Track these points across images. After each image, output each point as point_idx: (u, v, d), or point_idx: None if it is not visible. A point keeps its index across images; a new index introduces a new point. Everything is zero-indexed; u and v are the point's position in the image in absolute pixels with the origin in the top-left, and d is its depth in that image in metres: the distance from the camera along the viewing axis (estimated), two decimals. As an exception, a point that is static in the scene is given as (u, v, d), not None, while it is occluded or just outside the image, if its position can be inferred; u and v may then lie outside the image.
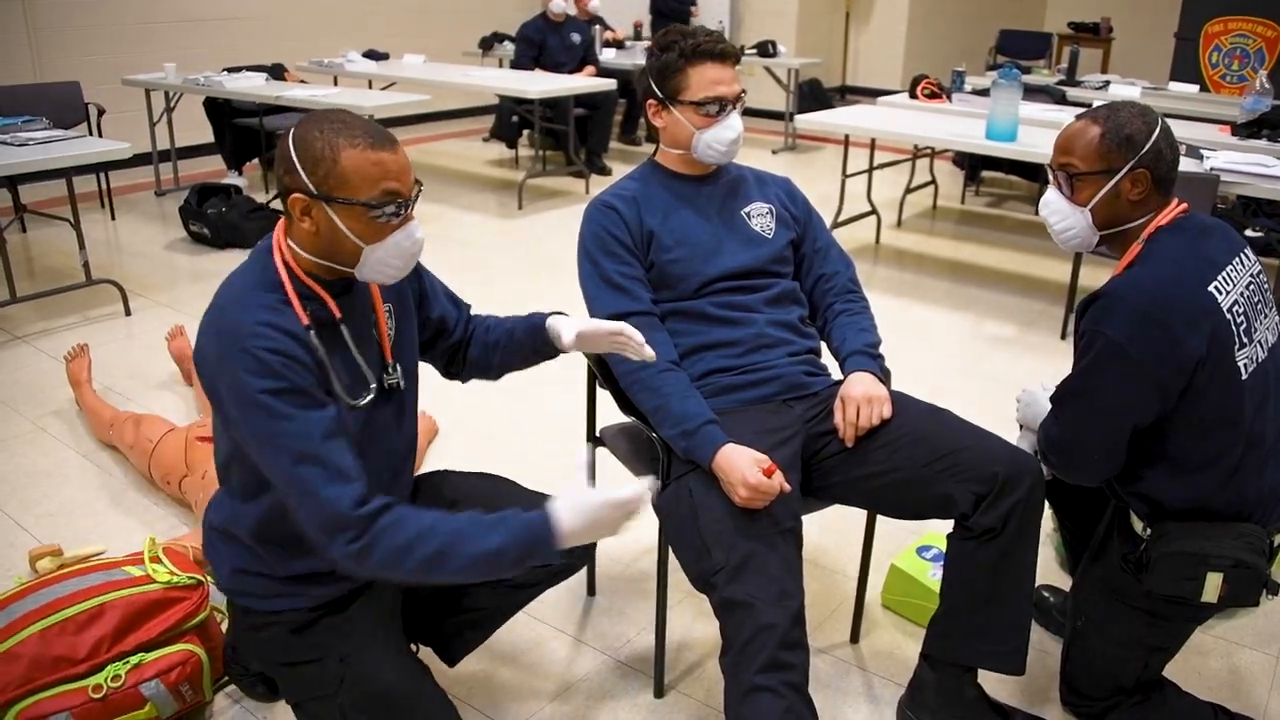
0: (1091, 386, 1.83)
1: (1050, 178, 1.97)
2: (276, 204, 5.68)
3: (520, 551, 1.57)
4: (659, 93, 2.13)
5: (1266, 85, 4.88)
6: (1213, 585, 1.84)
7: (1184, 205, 1.89)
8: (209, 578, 2.22)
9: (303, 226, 1.60)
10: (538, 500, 1.94)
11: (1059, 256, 5.62)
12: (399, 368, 1.79)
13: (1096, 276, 5.06)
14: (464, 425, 3.43)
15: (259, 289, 1.61)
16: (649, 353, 1.91)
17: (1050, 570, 2.65)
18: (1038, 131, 4.83)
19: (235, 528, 1.74)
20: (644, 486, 1.63)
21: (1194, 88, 6.53)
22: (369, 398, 1.71)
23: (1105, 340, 1.77)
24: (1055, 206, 1.96)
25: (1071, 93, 6.36)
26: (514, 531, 1.57)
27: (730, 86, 2.11)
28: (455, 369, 2.07)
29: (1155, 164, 1.84)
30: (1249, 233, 5.01)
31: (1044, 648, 2.37)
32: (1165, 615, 1.97)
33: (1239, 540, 1.83)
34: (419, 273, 1.93)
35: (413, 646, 1.90)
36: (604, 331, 1.91)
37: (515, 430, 3.46)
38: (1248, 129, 4.71)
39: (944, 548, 2.51)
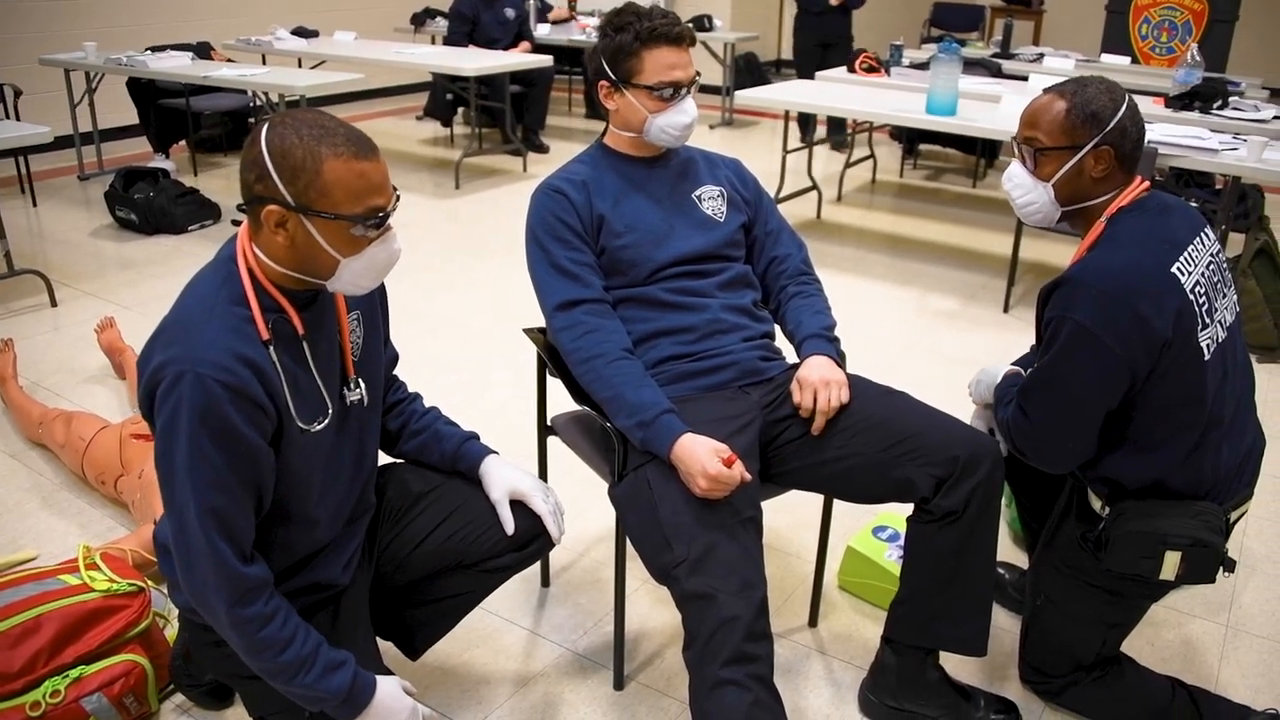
0: (1062, 374, 1.81)
1: (1015, 151, 1.96)
2: (204, 188, 5.56)
3: (337, 698, 1.61)
4: (611, 75, 2.07)
5: (1198, 58, 4.96)
6: (1171, 564, 1.85)
7: (1146, 184, 1.89)
8: (150, 583, 2.14)
9: (276, 239, 1.51)
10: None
11: (999, 229, 5.67)
12: (361, 382, 1.73)
13: (1037, 249, 5.16)
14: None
15: (222, 301, 1.53)
16: (555, 535, 1.94)
17: (1005, 547, 2.66)
18: (976, 105, 4.86)
19: None
20: None
21: (1125, 59, 6.60)
22: (324, 423, 1.65)
23: (1074, 325, 1.75)
24: (1018, 180, 1.94)
25: (1007, 65, 6.41)
26: (340, 685, 1.61)
27: (685, 70, 2.06)
28: None
29: (1120, 141, 1.83)
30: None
31: (1001, 625, 2.38)
32: (1123, 593, 1.98)
33: (1197, 519, 1.84)
34: (384, 290, 1.87)
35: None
36: (536, 509, 1.90)
37: (462, 418, 3.39)
38: (1180, 101, 4.78)
39: (899, 528, 2.52)
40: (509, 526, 1.87)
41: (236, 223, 1.60)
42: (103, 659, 1.95)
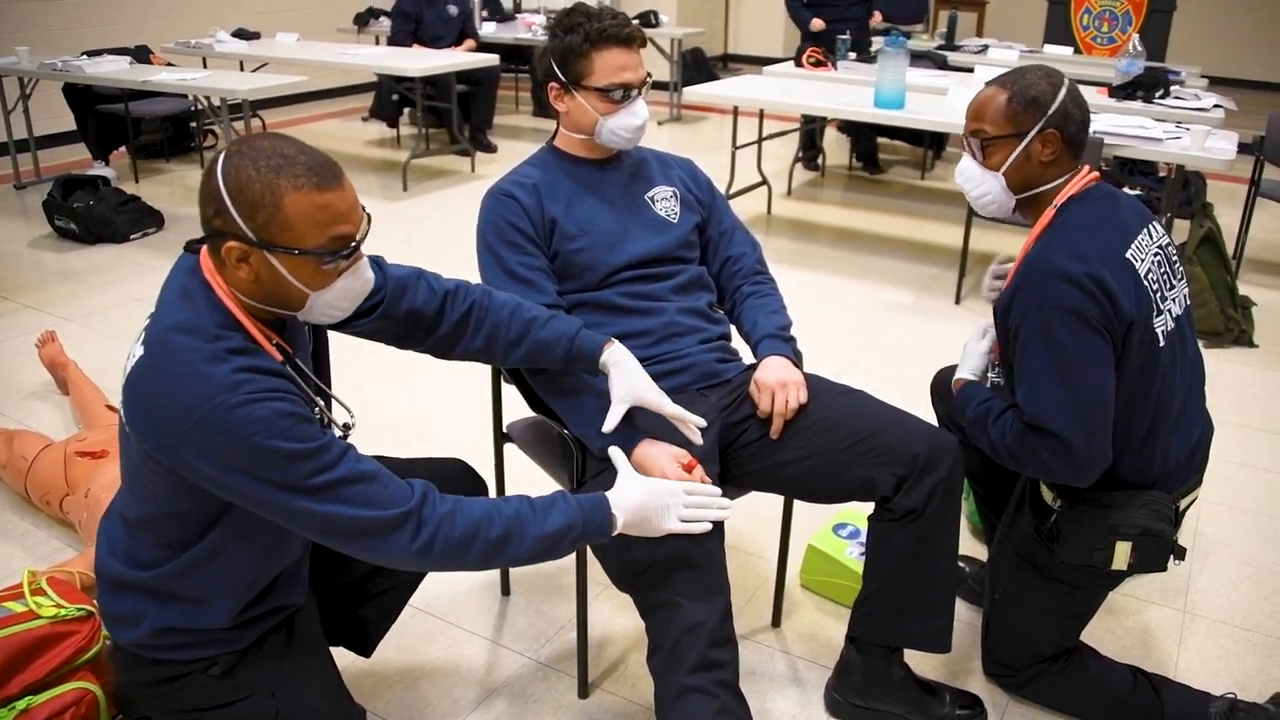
0: (1064, 360, 1.74)
1: (965, 145, 1.96)
2: (145, 195, 5.44)
3: (578, 527, 1.57)
4: (561, 76, 2.04)
5: (1139, 48, 5.02)
6: (1122, 554, 1.87)
7: (1095, 174, 1.90)
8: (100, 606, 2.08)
9: (239, 274, 1.42)
10: (427, 466, 1.91)
11: (949, 221, 5.71)
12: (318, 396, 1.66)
13: (986, 240, 5.19)
14: (360, 421, 3.30)
15: (215, 331, 1.41)
16: (698, 437, 1.88)
17: (964, 539, 2.66)
18: (923, 98, 4.88)
19: (175, 584, 1.56)
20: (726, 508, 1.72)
21: (1068, 50, 6.69)
22: (355, 426, 1.60)
23: (1052, 311, 1.74)
24: (970, 173, 1.95)
25: (952, 58, 6.46)
26: (570, 511, 1.57)
27: (636, 72, 2.04)
28: (419, 345, 1.87)
29: (1064, 123, 1.84)
30: (1127, 190, 5.16)
31: (963, 618, 2.37)
32: (1078, 584, 2.00)
33: (1146, 509, 1.86)
34: None
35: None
36: (665, 414, 1.86)
37: (416, 426, 3.35)
38: (1124, 91, 4.84)
39: (860, 525, 2.52)
40: (610, 425, 1.84)
41: (193, 251, 1.51)
42: (52, 688, 1.89)
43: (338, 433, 1.54)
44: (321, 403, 1.56)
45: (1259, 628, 2.46)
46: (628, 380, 1.86)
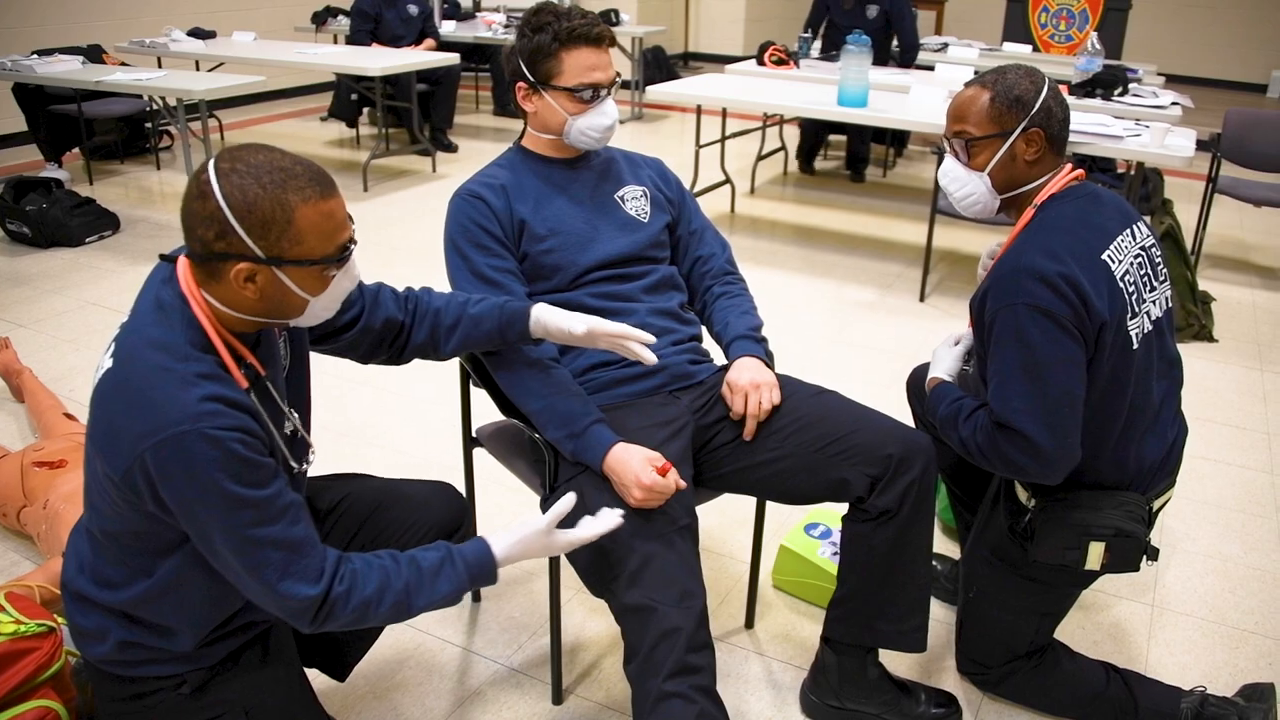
0: (1033, 359, 1.75)
1: (946, 147, 1.96)
2: (100, 197, 5.34)
3: (465, 589, 1.60)
4: (530, 76, 2.02)
5: (1098, 46, 5.07)
6: (1095, 554, 1.88)
7: (1079, 171, 1.91)
8: (61, 620, 2.03)
9: (244, 294, 1.39)
10: (413, 491, 1.89)
11: (912, 218, 5.74)
12: (295, 414, 1.62)
13: (950, 238, 5.22)
14: (329, 426, 3.26)
15: (188, 351, 1.38)
16: (650, 356, 1.88)
17: (935, 538, 2.67)
18: (886, 96, 4.89)
19: (138, 612, 1.53)
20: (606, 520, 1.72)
21: (1026, 48, 6.75)
22: (313, 462, 1.59)
23: (1024, 310, 1.74)
24: (955, 174, 1.95)
25: (912, 55, 6.48)
26: (458, 577, 1.58)
27: (606, 72, 2.02)
28: (384, 354, 1.89)
29: (1047, 122, 1.85)
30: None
31: (937, 616, 2.38)
32: (1051, 582, 2.00)
33: (1120, 509, 1.87)
34: None
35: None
36: (606, 333, 1.87)
37: (384, 432, 3.31)
38: (1083, 88, 4.88)
39: (831, 524, 2.52)
40: (582, 327, 1.86)
41: (169, 259, 1.48)
42: (12, 707, 1.85)
43: (294, 467, 1.53)
44: (291, 420, 1.54)
45: (1225, 620, 2.48)
46: (574, 317, 1.88)
